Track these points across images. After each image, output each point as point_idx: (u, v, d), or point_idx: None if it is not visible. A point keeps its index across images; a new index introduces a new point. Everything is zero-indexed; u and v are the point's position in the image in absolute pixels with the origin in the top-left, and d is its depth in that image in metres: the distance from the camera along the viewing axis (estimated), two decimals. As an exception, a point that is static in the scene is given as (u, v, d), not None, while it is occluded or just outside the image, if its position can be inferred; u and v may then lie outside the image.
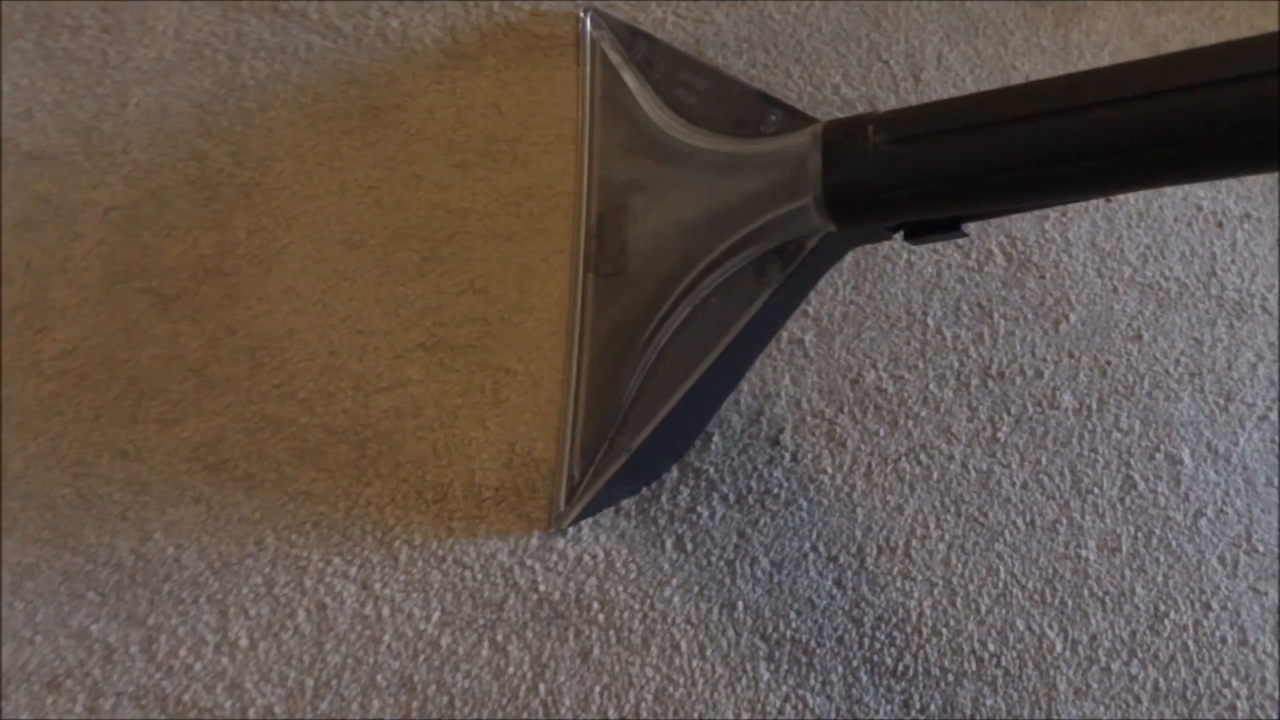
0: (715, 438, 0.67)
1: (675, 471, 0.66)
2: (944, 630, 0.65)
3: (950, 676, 0.63)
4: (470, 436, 0.65)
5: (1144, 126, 0.44)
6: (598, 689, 0.60)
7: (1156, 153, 0.44)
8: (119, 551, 0.60)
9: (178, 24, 0.73)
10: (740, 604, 0.63)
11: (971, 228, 0.69)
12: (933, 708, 0.62)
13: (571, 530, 0.63)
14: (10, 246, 0.65)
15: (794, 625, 0.63)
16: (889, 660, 0.63)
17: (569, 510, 0.63)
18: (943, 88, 0.83)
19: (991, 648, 0.65)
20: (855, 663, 0.63)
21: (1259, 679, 0.67)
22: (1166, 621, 0.67)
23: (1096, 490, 0.70)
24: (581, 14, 0.75)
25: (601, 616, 0.62)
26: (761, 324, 0.60)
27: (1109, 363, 0.75)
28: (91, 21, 0.72)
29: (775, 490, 0.66)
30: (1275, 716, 0.66)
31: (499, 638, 0.60)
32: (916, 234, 0.54)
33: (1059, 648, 0.65)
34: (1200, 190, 0.83)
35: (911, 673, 0.63)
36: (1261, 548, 0.71)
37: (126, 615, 0.58)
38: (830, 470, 0.68)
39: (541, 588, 0.62)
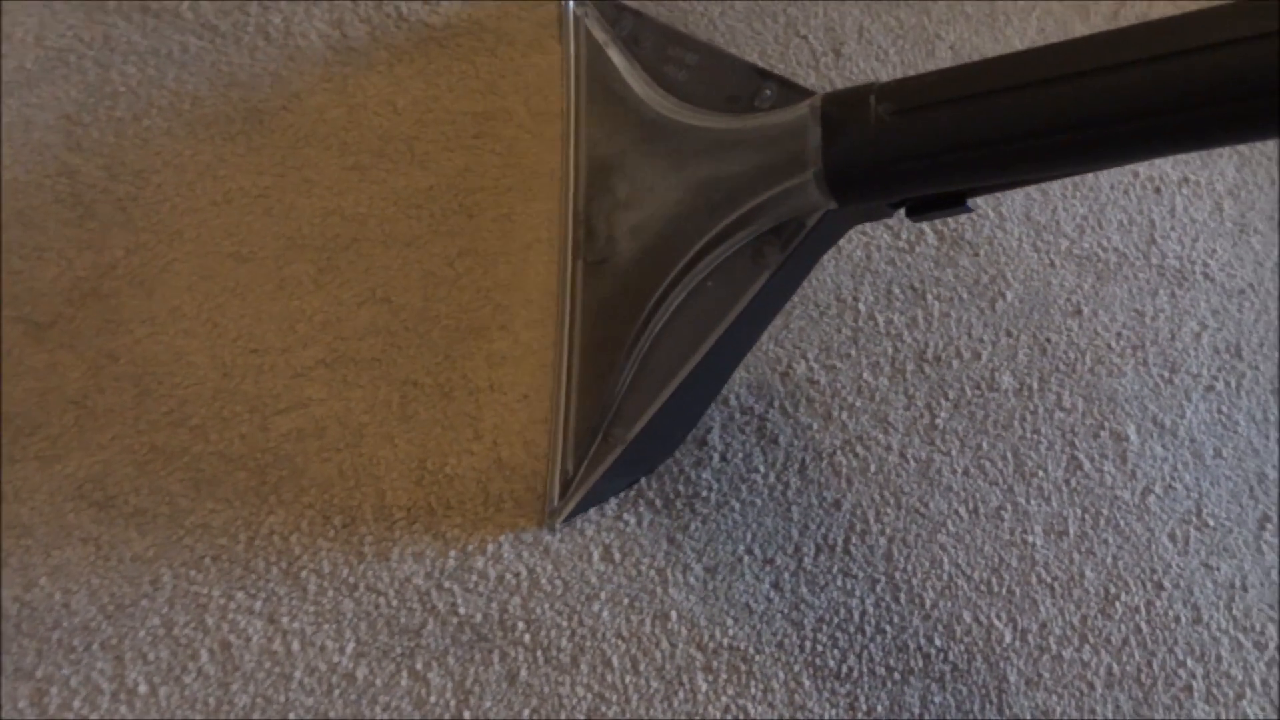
0: (639, 441, 0.70)
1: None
2: (888, 628, 0.68)
3: (896, 675, 0.67)
4: (378, 455, 0.67)
5: (1174, 87, 0.45)
6: (526, 712, 0.62)
7: (1187, 115, 0.45)
8: (1, 600, 0.61)
9: (38, 29, 0.75)
10: (673, 614, 0.66)
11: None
12: (879, 709, 0.66)
13: (491, 547, 0.66)
14: None
15: (731, 632, 0.66)
16: (832, 663, 0.66)
17: (563, 506, 0.66)
18: (865, 62, 0.87)
19: (938, 642, 0.68)
20: (797, 667, 0.66)
21: (1214, 657, 0.71)
22: (1118, 604, 0.71)
23: (1041, 473, 0.74)
24: None
25: (527, 636, 0.64)
26: (760, 307, 0.63)
27: (1049, 340, 0.79)
28: (-57, 32, 0.74)
29: (705, 493, 0.69)
30: (1231, 694, 0.70)
31: (419, 666, 0.62)
32: (920, 210, 0.57)
33: (1008, 638, 0.69)
34: (1136, 156, 0.88)
35: (856, 674, 0.66)
36: (1212, 522, 0.75)
37: (13, 668, 0.60)
38: (762, 469, 0.71)
39: (462, 610, 0.64)
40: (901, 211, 0.78)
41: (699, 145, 0.64)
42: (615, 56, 0.72)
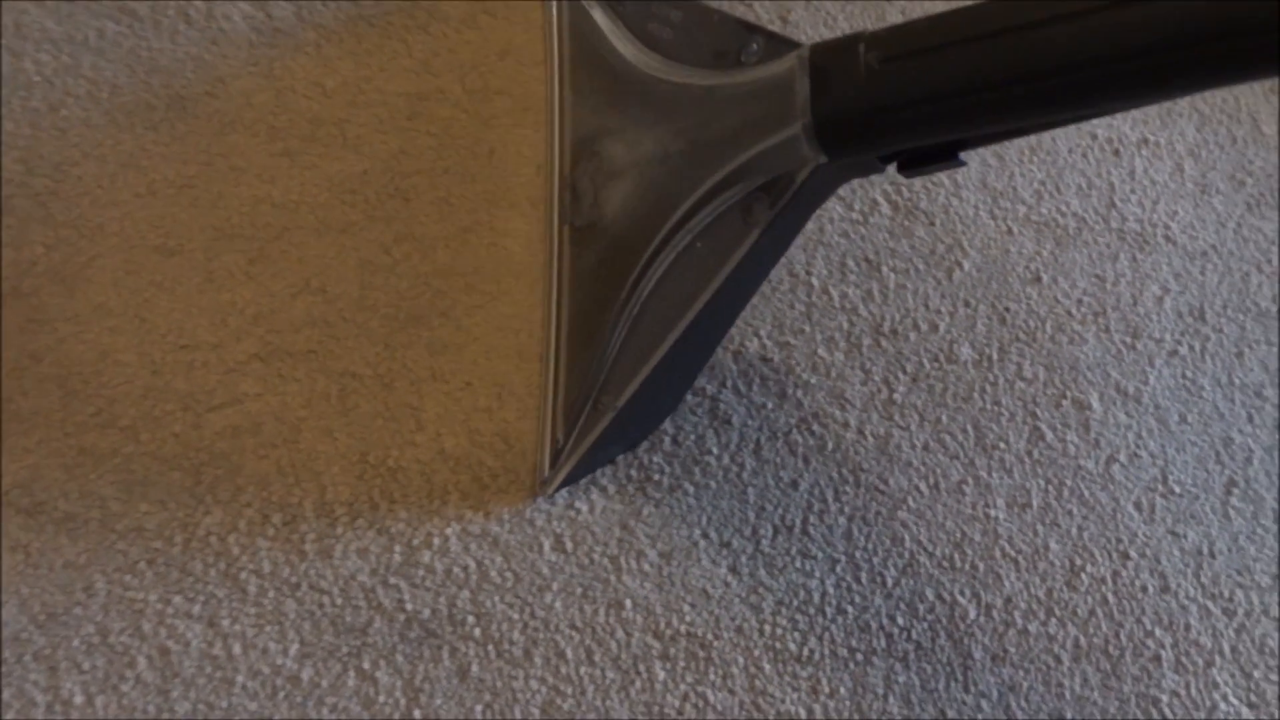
0: (588, 426, 0.72)
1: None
2: (849, 608, 0.70)
3: (859, 656, 0.69)
4: (317, 450, 0.68)
5: (1175, 26, 0.46)
6: (479, 708, 0.64)
7: (1188, 53, 0.47)
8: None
9: (-54, 20, 0.75)
10: (628, 602, 0.68)
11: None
12: (842, 690, 0.68)
13: (437, 541, 0.67)
14: None
15: (688, 619, 0.68)
16: (793, 646, 0.68)
17: (554, 475, 0.68)
18: (813, 28, 0.89)
19: (901, 621, 0.70)
20: (757, 652, 0.68)
21: (1183, 626, 0.74)
22: (1083, 575, 0.74)
23: (1002, 445, 0.77)
24: None
25: (478, 631, 0.66)
26: (750, 268, 0.65)
27: (1008, 309, 0.81)
28: None
29: (657, 477, 0.71)
30: (1201, 663, 0.73)
31: (366, 665, 0.64)
32: (912, 164, 0.59)
33: (972, 614, 0.71)
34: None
35: (818, 656, 0.68)
36: (1178, 489, 0.78)
37: (-58, 683, 0.61)
38: (716, 450, 0.73)
39: (409, 606, 0.66)
40: (854, 184, 0.80)
41: (686, 103, 0.66)
42: (599, 16, 0.73)
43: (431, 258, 0.74)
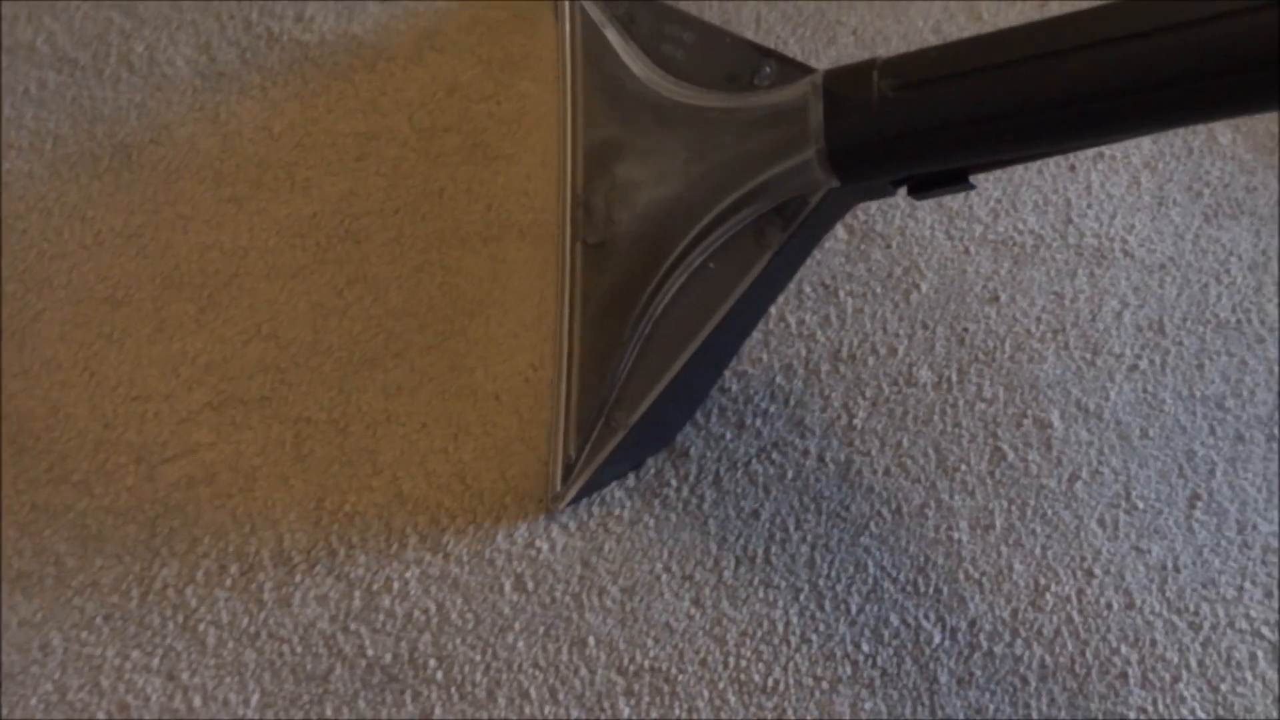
0: (546, 464, 0.75)
1: (506, 506, 0.74)
2: (814, 637, 0.73)
3: (824, 685, 0.72)
4: (273, 498, 0.71)
5: (1181, 58, 0.49)
6: (443, 752, 0.67)
7: (1196, 86, 0.49)
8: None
9: (-116, 75, 0.78)
10: (591, 639, 0.71)
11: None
12: (808, 720, 0.71)
13: (397, 585, 0.70)
14: None
15: (652, 654, 0.71)
16: (757, 677, 0.72)
17: (565, 491, 0.72)
18: (763, 53, 0.93)
19: (866, 648, 0.74)
20: (721, 684, 0.71)
21: (1149, 641, 0.77)
22: (1048, 595, 0.77)
23: (964, 467, 0.80)
24: None
25: (440, 674, 0.69)
26: (762, 289, 0.69)
27: (966, 330, 0.85)
28: None
29: (617, 511, 0.74)
30: (1168, 678, 0.76)
31: (328, 712, 0.67)
32: (922, 188, 0.62)
33: (937, 638, 0.75)
34: (1048, 133, 0.94)
35: (783, 687, 0.72)
36: (1141, 504, 0.81)
37: (-101, 748, 0.63)
38: (675, 483, 0.76)
39: (370, 652, 0.69)
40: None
41: (699, 125, 0.69)
42: (612, 36, 0.77)
43: (384, 299, 0.77)
